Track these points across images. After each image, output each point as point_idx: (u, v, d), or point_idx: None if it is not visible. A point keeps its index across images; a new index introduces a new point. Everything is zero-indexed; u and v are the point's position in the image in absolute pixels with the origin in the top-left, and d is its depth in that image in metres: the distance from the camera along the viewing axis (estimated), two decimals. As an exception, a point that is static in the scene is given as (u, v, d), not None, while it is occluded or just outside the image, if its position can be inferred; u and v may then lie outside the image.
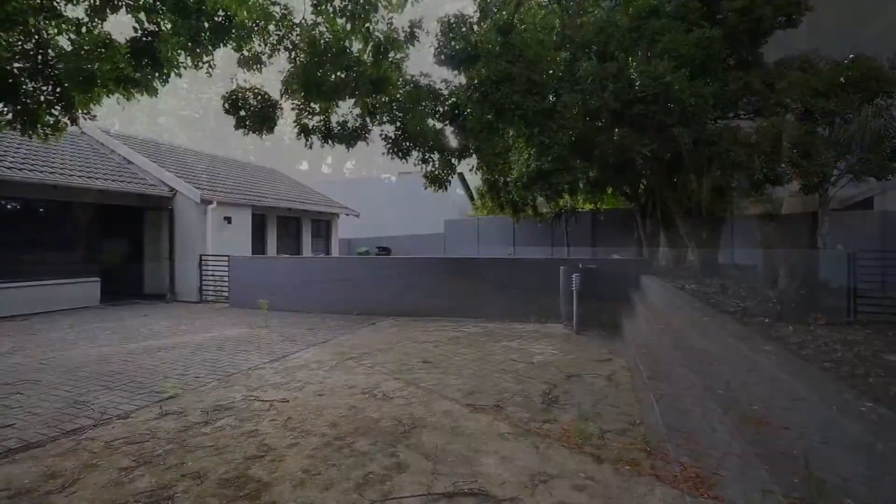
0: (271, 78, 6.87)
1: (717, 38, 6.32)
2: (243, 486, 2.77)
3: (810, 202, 6.05)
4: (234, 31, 5.54)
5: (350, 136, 7.43)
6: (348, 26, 5.87)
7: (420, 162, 7.92)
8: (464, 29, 6.73)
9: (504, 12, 6.47)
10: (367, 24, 5.95)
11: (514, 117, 7.29)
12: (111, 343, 6.89)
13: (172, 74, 5.63)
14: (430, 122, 7.42)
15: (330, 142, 7.38)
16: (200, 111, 45.83)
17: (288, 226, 16.41)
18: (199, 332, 7.81)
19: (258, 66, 6.18)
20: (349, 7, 5.42)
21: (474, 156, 8.12)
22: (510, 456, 3.09)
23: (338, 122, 7.36)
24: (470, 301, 8.76)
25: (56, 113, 5.37)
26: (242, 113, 6.49)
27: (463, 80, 7.24)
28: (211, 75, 5.91)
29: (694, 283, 5.90)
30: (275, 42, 6.35)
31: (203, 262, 11.98)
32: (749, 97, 6.80)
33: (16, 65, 5.10)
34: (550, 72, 6.84)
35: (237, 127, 6.68)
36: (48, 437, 3.50)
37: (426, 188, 8.29)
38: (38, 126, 5.22)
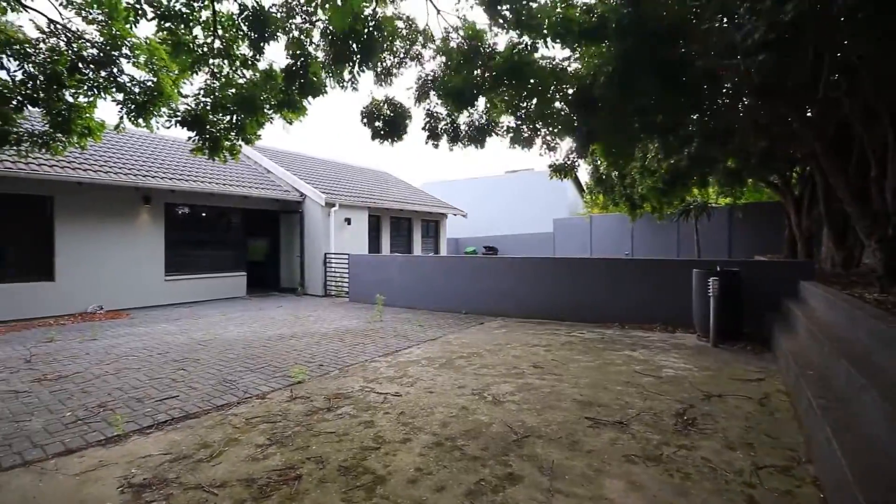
0: (396, 93, 7.24)
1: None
2: (360, 475, 2.83)
3: None
4: (369, 51, 5.84)
5: (478, 135, 7.43)
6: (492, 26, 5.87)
7: (546, 150, 7.60)
8: None
9: None
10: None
11: (645, 109, 6.59)
12: (254, 330, 7.81)
13: (320, 94, 6.17)
14: (557, 104, 7.05)
15: (459, 143, 7.47)
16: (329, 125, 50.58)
17: (400, 226, 17.23)
18: (324, 323, 8.49)
19: (389, 79, 6.50)
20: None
21: (601, 143, 7.52)
22: (640, 482, 2.71)
23: (465, 122, 7.41)
24: (583, 305, 8.22)
25: (232, 138, 6.35)
26: (378, 124, 6.88)
27: (583, 62, 6.75)
28: (357, 89, 6.37)
29: (877, 292, 4.74)
30: (402, 55, 6.62)
31: (327, 260, 13.11)
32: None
33: (202, 100, 6.07)
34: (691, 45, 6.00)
35: (374, 137, 7.09)
36: (202, 410, 4.00)
37: (551, 178, 7.95)
38: (221, 150, 6.26)
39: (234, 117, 6.00)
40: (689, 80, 6.08)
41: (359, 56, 5.55)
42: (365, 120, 6.99)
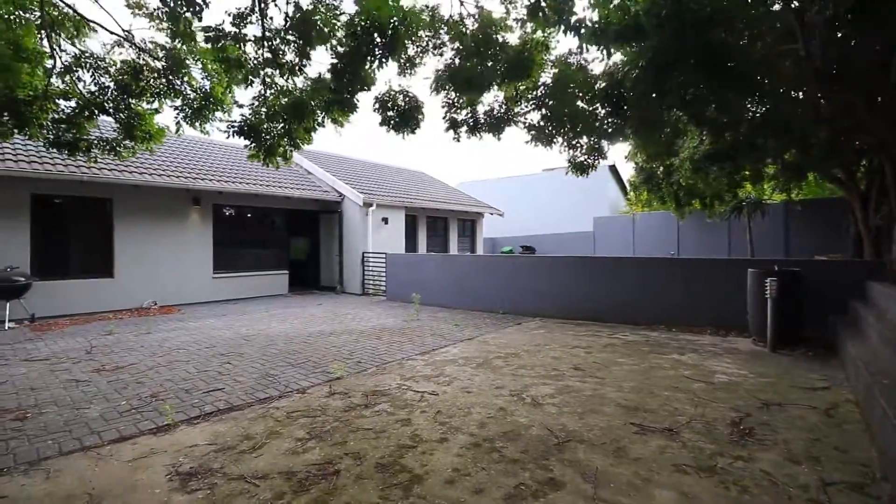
0: (415, 83, 7.14)
1: None
2: (396, 473, 2.81)
3: None
4: (398, 45, 5.84)
5: (497, 125, 7.27)
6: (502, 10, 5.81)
7: (567, 148, 7.33)
8: None
9: None
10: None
11: (688, 101, 6.25)
12: (295, 326, 8.01)
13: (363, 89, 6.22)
14: (580, 104, 6.80)
15: (477, 133, 7.33)
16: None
17: (436, 226, 17.25)
18: (361, 321, 8.59)
19: (412, 69, 6.46)
20: None
21: (631, 141, 7.21)
22: (692, 493, 2.54)
23: (484, 112, 7.27)
24: (626, 305, 7.91)
25: (284, 144, 6.55)
26: (390, 113, 6.83)
27: (619, 57, 6.46)
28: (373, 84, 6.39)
29: (964, 295, 4.26)
30: (424, 44, 6.57)
31: (365, 259, 13.30)
32: None
33: (257, 110, 6.25)
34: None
35: (381, 124, 7.04)
36: (246, 403, 4.11)
37: (567, 173, 7.70)
38: (275, 156, 6.48)
39: (286, 125, 6.18)
40: (737, 69, 5.71)
41: (381, 50, 5.54)
42: (378, 107, 6.94)
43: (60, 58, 5.58)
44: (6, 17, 4.95)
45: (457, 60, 6.37)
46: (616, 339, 6.67)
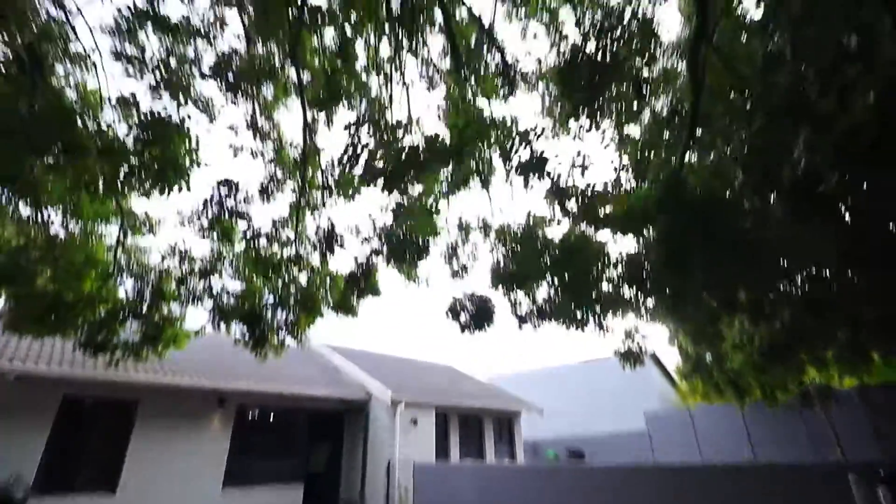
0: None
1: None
2: None
3: None
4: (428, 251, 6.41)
5: (552, 316, 7.30)
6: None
7: (601, 331, 7.11)
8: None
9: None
10: None
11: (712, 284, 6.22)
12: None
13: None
14: (604, 286, 6.85)
15: (547, 320, 7.33)
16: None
17: (469, 427, 15.81)
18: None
19: (465, 273, 6.93)
20: None
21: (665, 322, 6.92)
22: None
23: (543, 300, 7.39)
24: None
25: (282, 335, 6.73)
26: (463, 318, 7.09)
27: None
28: (428, 285, 6.78)
29: None
30: (473, 251, 7.18)
31: (390, 469, 11.90)
32: None
33: (266, 300, 6.70)
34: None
35: (462, 331, 7.20)
36: None
37: (623, 367, 7.23)
38: (264, 346, 6.59)
39: (291, 314, 6.44)
40: (749, 253, 5.74)
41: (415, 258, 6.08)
42: (450, 315, 7.17)
43: (121, 267, 6.28)
44: (88, 230, 5.79)
45: (506, 261, 6.81)
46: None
